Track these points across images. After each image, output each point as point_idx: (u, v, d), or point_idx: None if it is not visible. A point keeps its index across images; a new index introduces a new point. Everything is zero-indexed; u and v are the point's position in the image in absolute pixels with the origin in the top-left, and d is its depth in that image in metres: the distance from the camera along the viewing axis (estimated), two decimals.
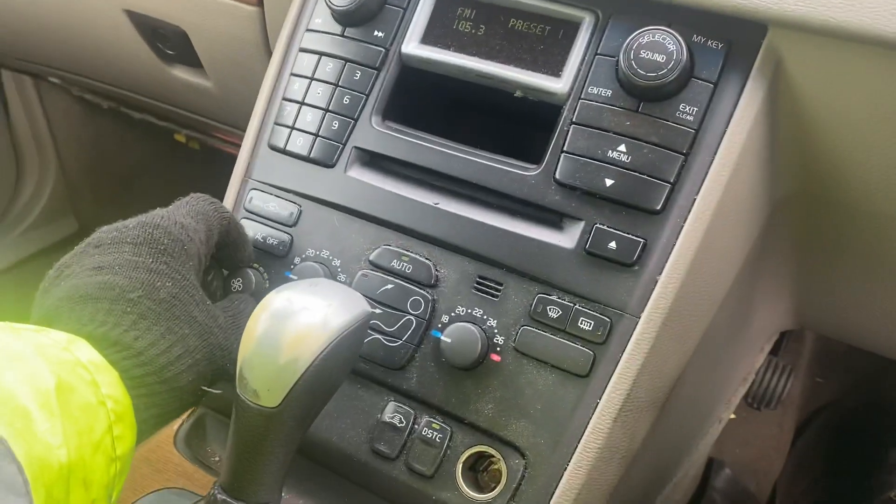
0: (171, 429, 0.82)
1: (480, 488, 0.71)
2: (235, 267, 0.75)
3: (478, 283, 0.72)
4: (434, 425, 0.72)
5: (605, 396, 0.67)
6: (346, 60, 0.80)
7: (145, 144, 1.97)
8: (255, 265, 0.80)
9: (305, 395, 0.58)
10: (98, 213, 2.00)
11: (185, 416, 0.84)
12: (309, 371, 0.57)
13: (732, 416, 1.55)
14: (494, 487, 0.70)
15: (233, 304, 0.70)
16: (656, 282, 0.67)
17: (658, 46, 0.66)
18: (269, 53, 0.93)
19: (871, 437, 1.43)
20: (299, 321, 0.57)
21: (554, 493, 0.67)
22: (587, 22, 0.72)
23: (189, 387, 0.61)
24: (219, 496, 0.59)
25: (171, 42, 1.12)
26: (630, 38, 0.67)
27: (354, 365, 0.72)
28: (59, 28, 1.28)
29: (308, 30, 0.83)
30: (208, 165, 2.02)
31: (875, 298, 0.90)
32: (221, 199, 0.79)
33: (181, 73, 1.19)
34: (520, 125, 0.84)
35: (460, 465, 0.71)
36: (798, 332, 1.43)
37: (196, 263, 0.65)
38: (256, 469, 0.59)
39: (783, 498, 1.46)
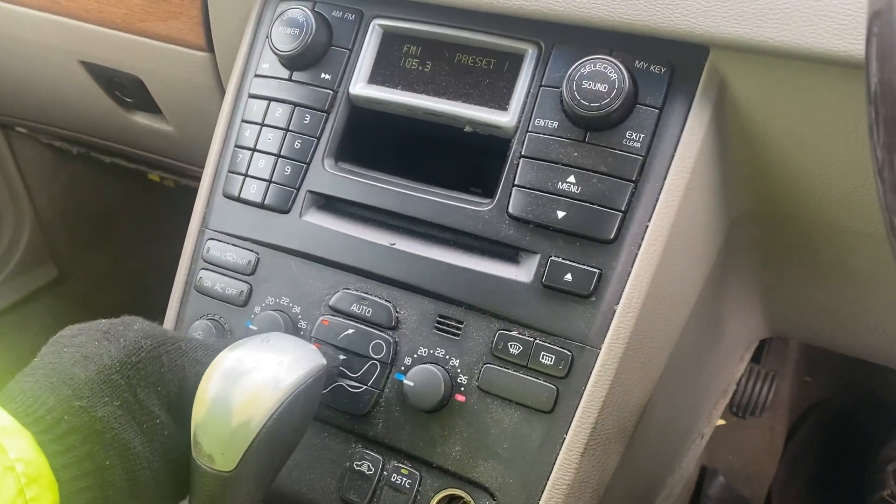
0: None
1: None
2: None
3: (438, 322, 0.72)
4: (403, 471, 0.71)
5: (570, 431, 0.66)
6: (295, 104, 0.79)
7: (119, 186, 1.97)
8: (217, 317, 0.79)
9: (261, 457, 0.57)
10: (77, 258, 1.99)
11: None
12: (262, 432, 0.56)
13: (723, 422, 1.54)
14: None
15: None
16: (614, 311, 0.66)
17: (599, 76, 0.65)
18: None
19: (861, 434, 1.42)
20: (250, 381, 0.57)
21: None
22: (530, 54, 0.71)
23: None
24: None
25: (128, 90, 1.12)
26: (572, 68, 0.67)
27: (316, 417, 0.71)
28: (21, 81, 1.27)
29: (256, 75, 0.82)
30: (184, 202, 2.01)
31: (837, 304, 0.89)
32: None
33: (142, 119, 1.19)
34: (476, 157, 0.83)
35: None
36: None
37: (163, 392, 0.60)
38: None
39: (778, 501, 1.45)
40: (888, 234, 0.34)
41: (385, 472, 0.72)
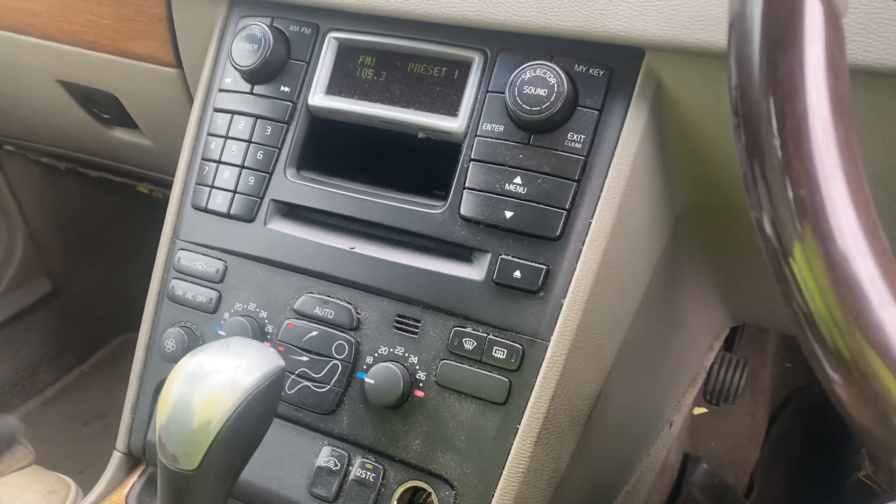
0: (124, 488, 0.84)
1: None
2: None
3: (397, 322, 0.75)
4: (367, 465, 0.74)
5: (524, 421, 0.69)
6: (257, 117, 0.82)
7: (109, 199, 2.00)
8: (188, 324, 0.82)
9: (223, 455, 0.60)
10: (70, 271, 2.03)
11: (136, 475, 0.86)
12: (222, 432, 0.59)
13: (704, 410, 1.57)
14: None
15: None
16: (562, 305, 0.69)
17: (539, 81, 0.68)
18: None
19: (839, 419, 1.44)
20: (209, 384, 0.60)
21: None
22: (477, 62, 0.74)
23: None
24: None
25: (104, 106, 1.15)
26: (513, 74, 0.70)
27: (283, 416, 0.74)
28: (3, 101, 1.31)
29: (220, 90, 0.86)
30: None
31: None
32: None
33: (121, 134, 1.22)
34: (433, 160, 0.86)
35: (395, 502, 0.73)
36: None
37: None
38: None
39: (760, 486, 1.47)
40: (757, 234, 0.36)
41: (350, 467, 0.75)
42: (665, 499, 1.39)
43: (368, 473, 0.74)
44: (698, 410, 1.55)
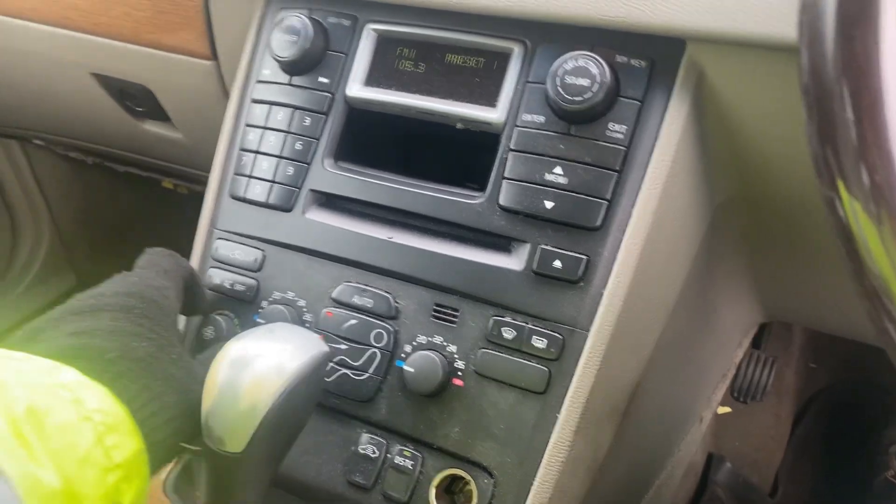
0: (161, 476, 0.85)
1: None
2: (193, 314, 0.78)
3: (435, 311, 0.75)
4: (406, 453, 0.74)
5: (563, 410, 0.69)
6: (295, 108, 0.83)
7: (134, 194, 2.02)
8: (226, 312, 0.83)
9: (268, 438, 0.61)
10: (95, 265, 2.05)
11: (172, 463, 0.87)
12: (268, 415, 0.60)
13: (728, 409, 1.56)
14: None
15: (209, 355, 0.72)
16: (602, 295, 0.69)
17: (581, 71, 0.69)
18: None
19: (865, 418, 1.44)
20: (256, 368, 0.60)
21: None
22: (517, 52, 0.75)
23: (166, 442, 0.63)
24: None
25: (138, 99, 1.16)
26: (555, 64, 0.70)
27: (322, 404, 0.75)
28: (36, 95, 1.32)
29: (258, 81, 0.86)
30: (197, 208, 2.06)
31: (822, 287, 0.92)
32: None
33: (152, 128, 1.23)
34: (470, 151, 0.87)
35: (433, 490, 0.73)
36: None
37: (173, 320, 0.68)
38: None
39: (785, 486, 1.47)
40: (828, 219, 0.36)
41: (389, 455, 0.75)
42: (689, 497, 1.39)
43: (407, 461, 0.74)
44: (722, 410, 1.54)
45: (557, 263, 0.70)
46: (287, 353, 0.62)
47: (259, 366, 0.60)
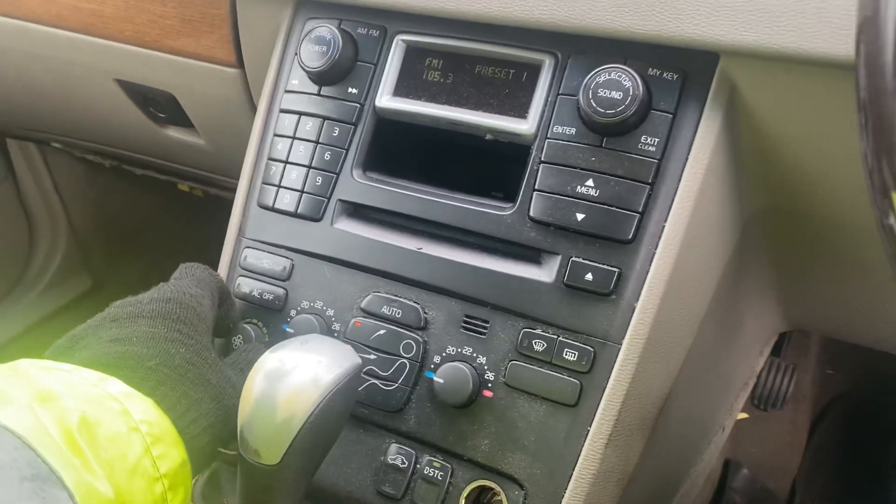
0: None
1: None
2: (225, 328, 0.78)
3: (465, 322, 0.75)
4: (435, 464, 0.75)
5: (594, 423, 0.69)
6: (324, 118, 0.83)
7: (150, 197, 2.03)
8: (254, 321, 0.83)
9: (304, 450, 0.61)
10: (111, 269, 2.06)
11: None
12: (305, 427, 0.60)
13: (745, 415, 1.56)
14: None
15: (241, 357, 0.72)
16: (634, 308, 0.69)
17: (614, 84, 0.69)
18: (255, 110, 0.97)
19: (883, 425, 1.44)
20: (292, 380, 0.61)
21: None
22: (547, 64, 0.75)
23: (205, 448, 0.64)
24: None
25: (161, 105, 1.17)
26: (588, 77, 0.70)
27: (351, 414, 0.75)
28: (58, 99, 1.33)
29: (287, 91, 0.87)
30: (213, 212, 2.07)
31: (853, 298, 0.92)
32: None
33: (175, 134, 1.23)
34: (498, 162, 0.87)
35: (463, 501, 0.73)
36: None
37: (208, 326, 0.69)
38: None
39: (802, 494, 1.46)
40: (879, 232, 0.37)
41: (418, 466, 0.75)
42: (707, 503, 1.39)
43: (436, 472, 0.74)
44: (739, 416, 1.54)
45: (589, 276, 0.71)
46: (323, 365, 0.62)
47: (295, 378, 0.61)
